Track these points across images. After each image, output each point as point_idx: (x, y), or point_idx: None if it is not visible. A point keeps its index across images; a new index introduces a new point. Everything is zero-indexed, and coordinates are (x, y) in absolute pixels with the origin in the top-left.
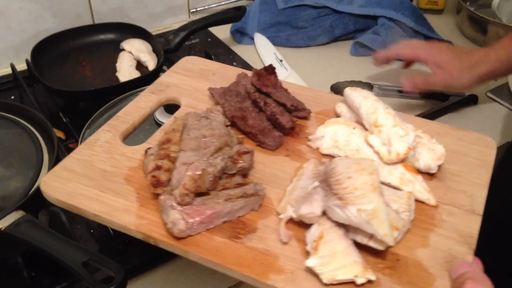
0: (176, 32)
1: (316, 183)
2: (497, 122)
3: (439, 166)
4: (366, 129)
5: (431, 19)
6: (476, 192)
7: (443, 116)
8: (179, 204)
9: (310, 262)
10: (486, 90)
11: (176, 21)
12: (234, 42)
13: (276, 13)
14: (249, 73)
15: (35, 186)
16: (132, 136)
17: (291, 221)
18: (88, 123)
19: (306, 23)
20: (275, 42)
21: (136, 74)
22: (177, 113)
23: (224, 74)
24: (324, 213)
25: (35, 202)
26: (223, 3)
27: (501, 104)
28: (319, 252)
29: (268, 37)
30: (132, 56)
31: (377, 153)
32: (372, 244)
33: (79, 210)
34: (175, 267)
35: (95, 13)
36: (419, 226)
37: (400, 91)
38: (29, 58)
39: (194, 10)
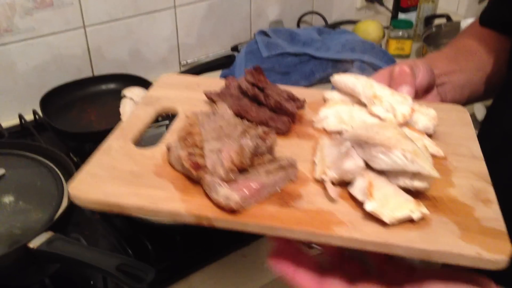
0: None
1: (349, 144)
2: None
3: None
4: (365, 106)
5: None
6: (471, 144)
7: None
8: (224, 181)
9: (369, 206)
10: None
11: (168, 73)
12: None
13: (261, 60)
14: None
15: (60, 211)
16: None
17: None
18: None
19: (288, 68)
20: None
21: None
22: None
23: (208, 85)
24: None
25: (61, 226)
26: (211, 55)
27: None
28: (374, 196)
29: None
30: (134, 102)
31: (383, 120)
32: (416, 183)
33: (121, 207)
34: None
35: (95, 67)
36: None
37: None
38: (36, 108)
39: (185, 62)
